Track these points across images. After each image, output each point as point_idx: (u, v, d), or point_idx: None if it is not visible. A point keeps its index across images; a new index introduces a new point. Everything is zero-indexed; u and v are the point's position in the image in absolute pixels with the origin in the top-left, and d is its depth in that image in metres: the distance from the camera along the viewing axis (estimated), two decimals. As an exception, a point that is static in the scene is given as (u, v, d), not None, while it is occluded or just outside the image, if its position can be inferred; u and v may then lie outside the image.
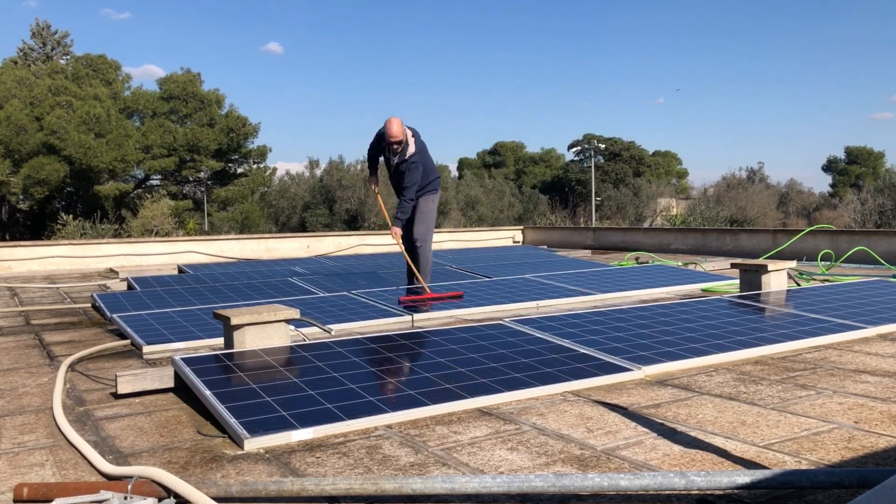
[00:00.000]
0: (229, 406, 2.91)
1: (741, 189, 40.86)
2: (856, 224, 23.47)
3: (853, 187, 47.30)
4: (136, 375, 3.40)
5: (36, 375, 3.97)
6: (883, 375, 3.42)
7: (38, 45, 38.04)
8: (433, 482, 2.04)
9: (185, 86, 33.46)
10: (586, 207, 40.59)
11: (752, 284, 6.17)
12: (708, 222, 25.72)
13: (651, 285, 7.11)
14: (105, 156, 28.78)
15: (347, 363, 3.56)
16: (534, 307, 6.15)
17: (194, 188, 35.65)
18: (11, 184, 28.50)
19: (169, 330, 5.01)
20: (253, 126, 34.30)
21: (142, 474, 2.18)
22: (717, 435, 2.60)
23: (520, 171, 52.87)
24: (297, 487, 2.06)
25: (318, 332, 4.88)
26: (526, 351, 3.84)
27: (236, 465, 2.44)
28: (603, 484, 2.00)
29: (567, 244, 15.19)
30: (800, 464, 2.29)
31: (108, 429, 2.92)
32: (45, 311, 6.87)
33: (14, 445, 2.73)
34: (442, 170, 36.80)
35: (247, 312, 3.93)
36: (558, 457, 2.42)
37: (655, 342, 4.05)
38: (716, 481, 1.98)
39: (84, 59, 33.85)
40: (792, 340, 4.11)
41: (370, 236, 15.35)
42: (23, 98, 28.86)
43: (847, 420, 2.74)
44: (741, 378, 3.44)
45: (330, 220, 32.82)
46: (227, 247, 13.59)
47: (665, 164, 52.58)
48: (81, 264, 12.50)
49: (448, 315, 5.74)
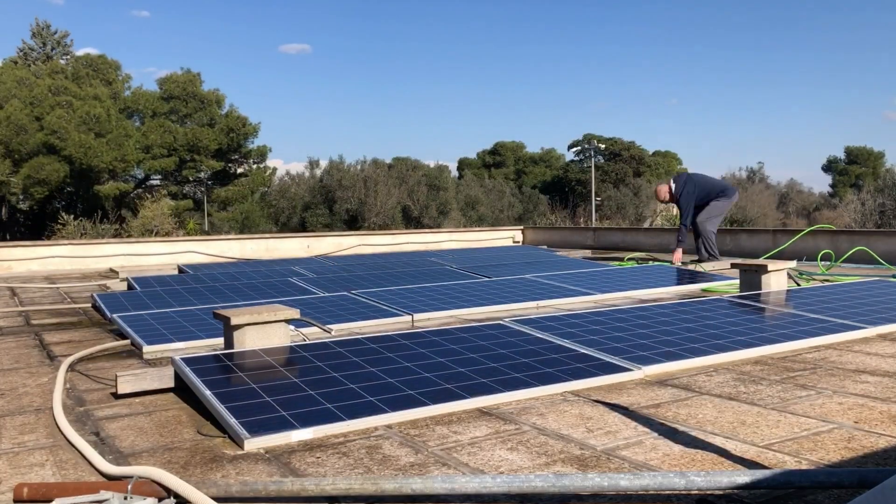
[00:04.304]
0: (229, 406, 2.91)
1: (741, 189, 40.88)
2: (856, 224, 23.45)
3: (853, 187, 47.29)
4: (136, 375, 3.40)
5: (36, 375, 3.97)
6: (883, 375, 3.42)
7: (38, 45, 38.03)
8: (433, 482, 2.04)
9: (185, 86, 33.47)
10: (586, 207, 40.57)
11: (752, 284, 6.17)
12: (708, 222, 25.70)
13: (651, 285, 7.11)
14: (105, 156, 28.79)
15: (347, 363, 3.56)
16: (534, 307, 6.16)
17: (194, 188, 35.66)
18: (11, 184, 28.50)
19: (169, 330, 5.01)
20: (253, 126, 34.32)
21: (142, 474, 2.18)
22: (717, 435, 2.60)
23: (520, 171, 52.85)
24: (297, 487, 2.06)
25: (318, 332, 4.88)
26: (526, 351, 3.84)
27: (236, 465, 2.44)
28: (603, 484, 2.00)
29: (567, 244, 15.19)
30: (800, 464, 2.29)
31: (108, 429, 2.92)
32: (45, 311, 6.88)
33: (14, 445, 2.73)
34: (442, 170, 36.75)
35: (247, 312, 3.93)
36: (558, 457, 2.42)
37: (655, 342, 4.06)
38: (716, 481, 1.98)
39: (84, 59, 33.87)
40: (792, 340, 4.11)
41: (370, 236, 15.35)
42: (23, 98, 28.86)
43: (847, 420, 2.74)
44: (741, 378, 3.44)
45: (330, 220, 32.82)
46: (227, 247, 13.59)
47: (665, 164, 52.55)
48: (81, 264, 12.51)
49: (448, 315, 5.74)
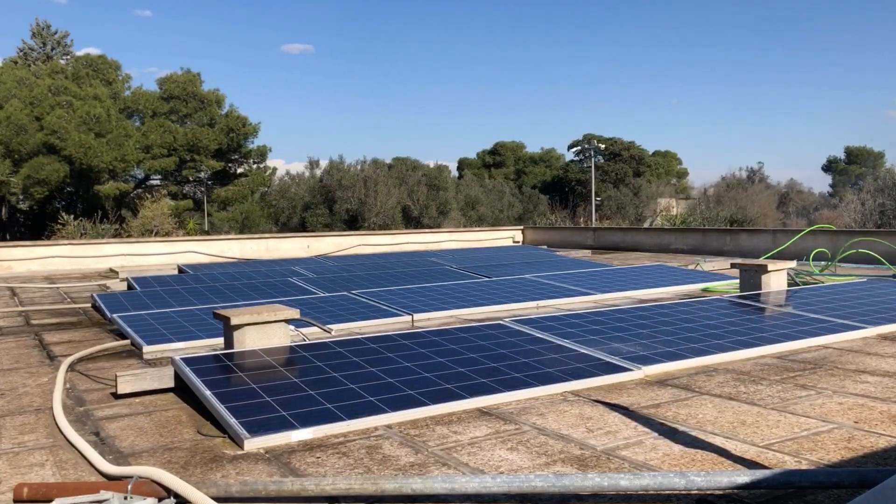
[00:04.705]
0: (229, 406, 2.91)
1: (741, 189, 40.84)
2: (856, 224, 23.46)
3: (853, 187, 47.29)
4: (136, 375, 3.40)
5: (36, 375, 3.97)
6: (883, 375, 3.42)
7: (38, 45, 38.01)
8: (433, 482, 2.04)
9: (185, 86, 33.44)
10: (586, 207, 40.55)
11: (752, 284, 6.17)
12: (708, 222, 25.72)
13: (651, 285, 7.11)
14: (105, 156, 28.79)
15: (347, 363, 3.56)
16: (534, 307, 6.15)
17: (194, 188, 35.63)
18: (11, 184, 28.49)
19: (169, 330, 5.01)
20: (253, 126, 34.29)
21: (142, 474, 2.18)
22: (717, 435, 2.60)
23: (520, 171, 52.82)
24: (297, 487, 2.06)
25: (318, 332, 4.88)
26: (526, 351, 3.84)
27: (236, 465, 2.44)
28: (603, 484, 2.00)
29: (567, 244, 15.19)
30: (800, 464, 2.29)
31: (108, 429, 2.92)
32: (45, 311, 6.87)
33: (14, 445, 2.73)
34: (442, 170, 36.76)
35: (247, 312, 3.93)
36: (558, 457, 2.42)
37: (655, 342, 4.06)
38: (716, 481, 1.98)
39: (84, 59, 33.85)
40: (792, 340, 4.11)
41: (370, 236, 15.35)
42: (23, 98, 28.85)
43: (847, 420, 2.74)
44: (741, 378, 3.44)
45: (330, 220, 32.80)
46: (227, 247, 13.59)
47: (665, 164, 52.52)
48: (81, 264, 12.50)
49: (448, 315, 5.74)
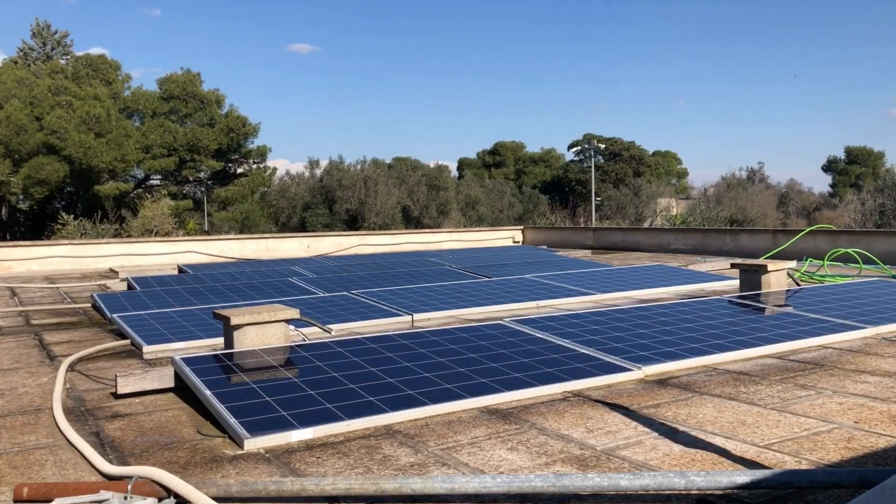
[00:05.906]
0: (229, 406, 2.91)
1: (741, 189, 40.87)
2: (856, 224, 23.47)
3: (853, 187, 47.27)
4: (136, 375, 3.40)
5: (36, 375, 3.97)
6: (883, 375, 3.42)
7: (38, 45, 38.01)
8: (433, 482, 2.04)
9: (184, 86, 33.44)
10: (586, 207, 40.56)
11: (752, 284, 6.17)
12: (708, 222, 25.73)
13: (651, 285, 7.11)
14: (105, 156, 28.79)
15: (347, 363, 3.56)
16: (534, 307, 6.16)
17: (194, 188, 35.64)
18: (11, 184, 28.49)
19: (169, 330, 5.01)
20: (253, 126, 34.29)
21: (142, 474, 2.18)
22: (717, 435, 2.60)
23: (520, 171, 52.83)
24: (297, 487, 2.06)
25: (318, 332, 4.88)
26: (526, 351, 3.84)
27: (236, 464, 2.44)
28: (603, 484, 2.00)
29: (567, 244, 15.19)
30: (800, 464, 2.29)
31: (108, 429, 2.92)
32: (45, 311, 6.87)
33: (14, 445, 2.73)
34: (442, 170, 36.73)
35: (247, 312, 3.93)
36: (558, 457, 2.42)
37: (655, 342, 4.06)
38: (716, 481, 1.98)
39: (84, 59, 33.85)
40: (792, 340, 4.11)
41: (370, 236, 15.35)
42: (23, 98, 28.85)
43: (847, 420, 2.74)
44: (741, 378, 3.44)
45: (330, 220, 32.80)
46: (227, 247, 13.59)
47: (665, 164, 52.55)
48: (81, 264, 12.51)
49: (448, 315, 5.74)
